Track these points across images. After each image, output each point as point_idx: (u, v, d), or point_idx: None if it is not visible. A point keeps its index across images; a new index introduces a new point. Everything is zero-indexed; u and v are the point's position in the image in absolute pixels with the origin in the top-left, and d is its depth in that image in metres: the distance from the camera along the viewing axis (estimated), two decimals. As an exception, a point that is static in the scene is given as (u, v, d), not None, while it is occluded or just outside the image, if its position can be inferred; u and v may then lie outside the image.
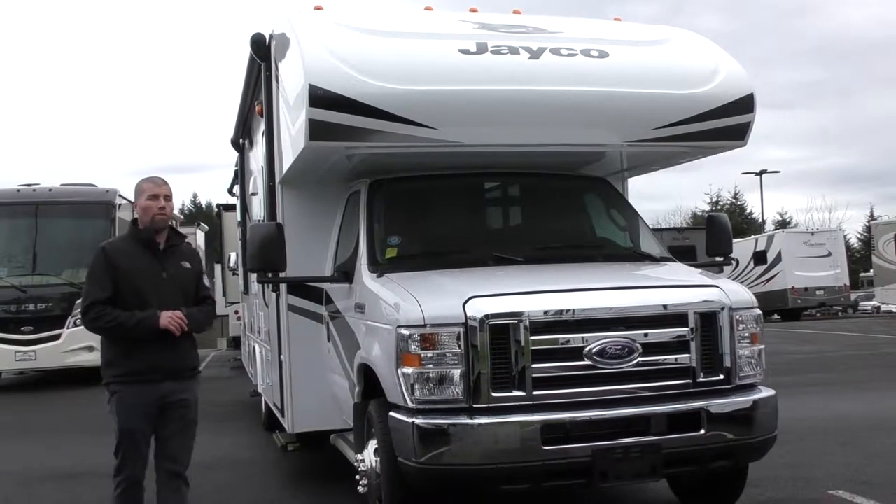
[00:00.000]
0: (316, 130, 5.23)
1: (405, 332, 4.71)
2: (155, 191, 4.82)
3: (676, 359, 4.89)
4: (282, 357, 7.00)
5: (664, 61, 5.94)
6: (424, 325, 4.68)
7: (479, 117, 5.41)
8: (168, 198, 4.86)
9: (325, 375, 6.69)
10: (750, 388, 5.11)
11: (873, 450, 7.64)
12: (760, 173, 44.66)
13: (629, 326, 4.82)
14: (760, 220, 52.73)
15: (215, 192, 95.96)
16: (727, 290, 5.13)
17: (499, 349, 4.66)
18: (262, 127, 8.43)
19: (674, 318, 4.92)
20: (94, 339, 15.04)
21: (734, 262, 6.57)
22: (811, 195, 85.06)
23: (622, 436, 4.71)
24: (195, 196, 72.12)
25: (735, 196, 68.63)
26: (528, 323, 4.66)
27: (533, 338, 4.67)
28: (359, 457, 5.41)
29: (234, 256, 15.14)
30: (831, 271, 34.21)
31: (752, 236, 38.59)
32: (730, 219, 6.73)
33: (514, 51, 5.57)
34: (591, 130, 5.70)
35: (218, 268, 22.00)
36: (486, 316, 4.65)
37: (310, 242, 6.60)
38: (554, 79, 5.49)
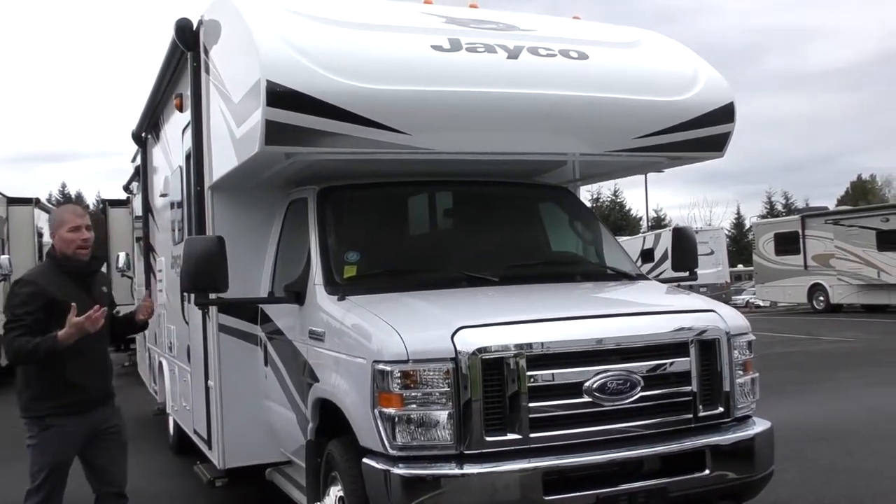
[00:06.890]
0: (273, 133, 4.52)
1: (384, 367, 4.11)
2: (77, 222, 4.74)
3: (677, 392, 4.49)
4: (210, 383, 6.25)
5: (643, 65, 5.52)
6: (407, 361, 4.10)
7: (456, 122, 4.83)
8: (89, 228, 4.79)
9: (260, 403, 6.01)
10: (746, 420, 4.77)
11: (822, 464, 7.54)
12: (645, 172, 45.60)
13: (629, 358, 4.38)
14: (645, 218, 54.08)
15: (85, 182, 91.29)
16: (724, 315, 4.77)
17: (491, 387, 4.13)
18: (175, 122, 7.64)
19: (675, 347, 4.52)
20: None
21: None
22: (686, 194, 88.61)
23: (625, 479, 4.27)
24: (64, 186, 68.32)
25: (615, 194, 70.60)
26: (525, 357, 4.15)
27: (530, 373, 4.16)
28: (318, 505, 4.78)
29: (123, 257, 13.93)
30: (714, 269, 35.17)
31: (641, 234, 39.36)
32: (609, 217, 6.45)
33: (490, 49, 5.02)
34: (574, 138, 5.20)
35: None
36: (479, 349, 4.10)
37: (245, 256, 5.89)
38: (536, 81, 4.96)
